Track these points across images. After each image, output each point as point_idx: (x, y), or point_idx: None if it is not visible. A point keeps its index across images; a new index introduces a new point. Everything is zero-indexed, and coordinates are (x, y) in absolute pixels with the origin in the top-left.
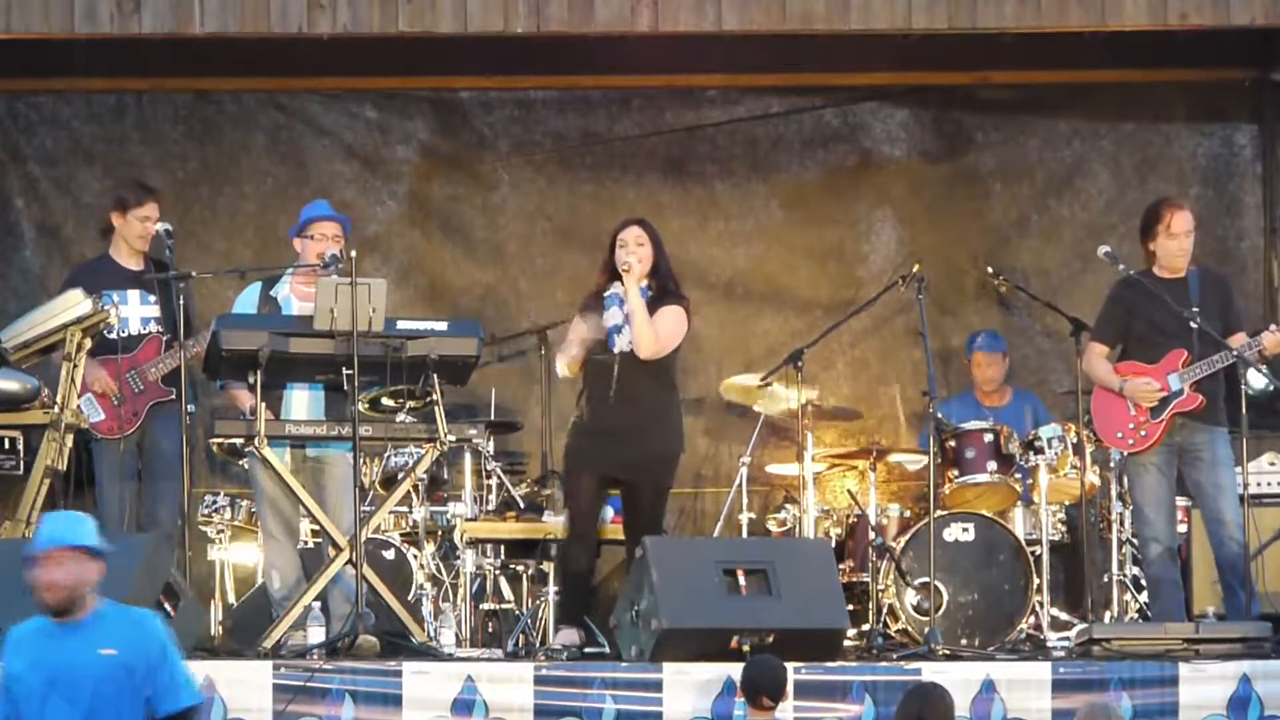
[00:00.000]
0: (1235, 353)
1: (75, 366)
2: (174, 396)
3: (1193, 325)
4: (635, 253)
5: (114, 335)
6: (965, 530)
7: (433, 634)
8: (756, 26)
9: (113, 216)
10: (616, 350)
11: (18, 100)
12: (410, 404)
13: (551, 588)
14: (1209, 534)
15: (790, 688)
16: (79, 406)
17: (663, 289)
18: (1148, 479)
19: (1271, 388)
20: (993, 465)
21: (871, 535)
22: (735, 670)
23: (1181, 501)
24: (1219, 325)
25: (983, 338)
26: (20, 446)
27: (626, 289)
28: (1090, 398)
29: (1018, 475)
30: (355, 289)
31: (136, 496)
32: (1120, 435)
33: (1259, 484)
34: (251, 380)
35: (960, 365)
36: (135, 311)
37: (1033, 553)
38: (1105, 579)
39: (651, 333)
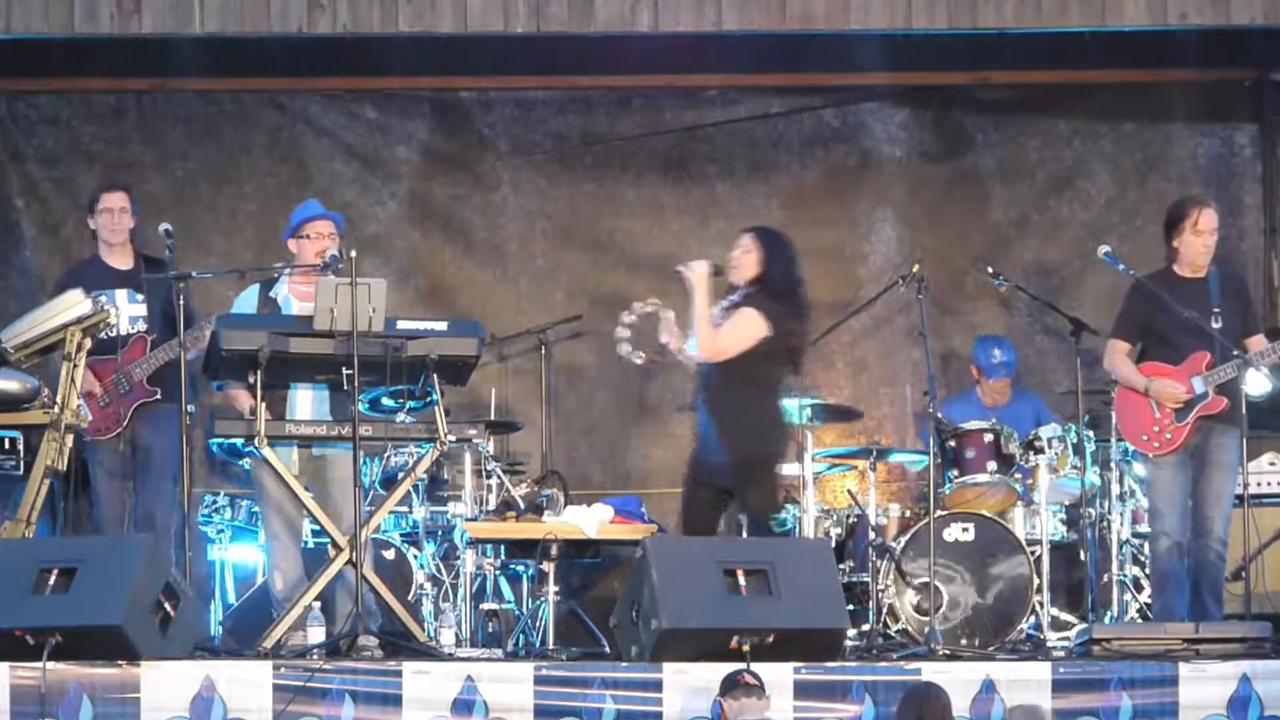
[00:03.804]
0: (1247, 358)
1: (75, 366)
2: (159, 396)
3: (1214, 325)
4: (737, 260)
5: (102, 335)
6: (965, 530)
7: (433, 634)
8: (756, 26)
9: (88, 220)
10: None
11: (18, 100)
12: (410, 404)
13: (551, 588)
14: (1152, 537)
15: (790, 687)
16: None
17: (755, 294)
18: (1164, 476)
19: (1270, 389)
20: (993, 465)
21: (871, 535)
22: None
23: None
24: (1237, 326)
25: (1000, 353)
26: (20, 446)
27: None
28: (1094, 397)
29: (1018, 475)
30: (355, 289)
31: (132, 496)
32: (1145, 438)
33: (1259, 484)
34: (251, 380)
35: (960, 365)
36: (124, 311)
37: (1033, 553)
38: (1105, 579)
39: (708, 335)
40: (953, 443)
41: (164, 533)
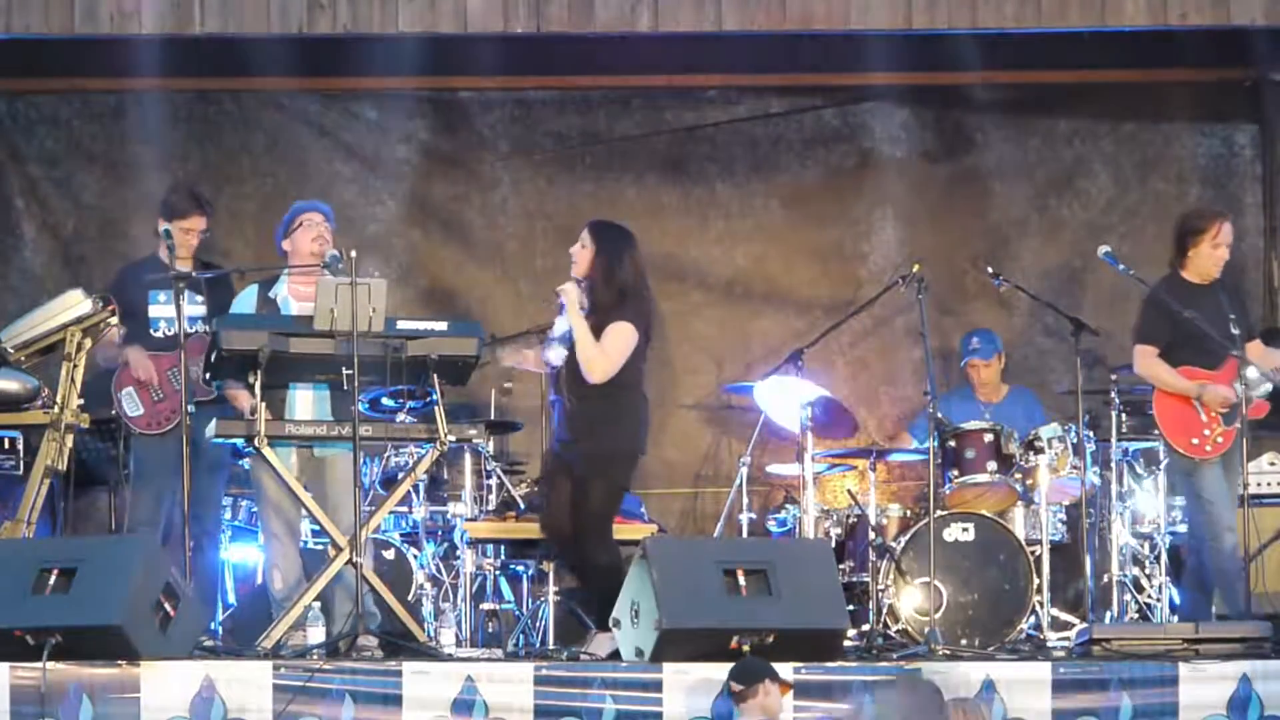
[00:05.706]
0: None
1: (75, 366)
2: (215, 396)
3: (1234, 331)
4: (575, 254)
5: (160, 334)
6: (965, 530)
7: (433, 634)
8: (756, 26)
9: (160, 221)
10: (550, 364)
11: (18, 100)
12: (410, 404)
13: (551, 587)
14: (1212, 535)
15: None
16: (119, 401)
17: (605, 300)
18: (1213, 475)
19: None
20: (993, 465)
21: (871, 535)
22: None
23: (1178, 500)
24: (1243, 332)
25: (977, 340)
26: (20, 446)
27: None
28: (1094, 397)
29: (1018, 475)
30: (355, 289)
31: (168, 495)
32: (1195, 441)
33: (1259, 484)
34: (251, 380)
35: (959, 364)
36: (184, 310)
37: (1033, 553)
38: (1105, 579)
39: (596, 357)
40: (953, 443)
41: (212, 529)
